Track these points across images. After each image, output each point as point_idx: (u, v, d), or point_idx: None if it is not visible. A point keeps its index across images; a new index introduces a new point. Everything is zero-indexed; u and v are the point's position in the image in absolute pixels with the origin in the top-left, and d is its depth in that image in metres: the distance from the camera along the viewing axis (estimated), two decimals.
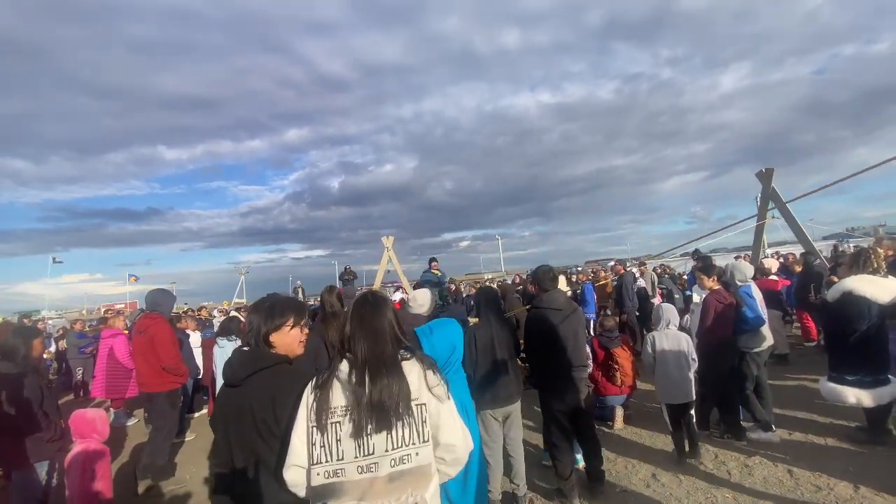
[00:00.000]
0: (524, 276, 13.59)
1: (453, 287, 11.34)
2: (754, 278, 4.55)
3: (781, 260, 9.23)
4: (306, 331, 1.75)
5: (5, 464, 3.21)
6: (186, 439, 5.62)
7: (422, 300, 3.38)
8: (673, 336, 3.89)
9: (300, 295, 15.52)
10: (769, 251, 12.73)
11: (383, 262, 13.25)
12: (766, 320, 4.23)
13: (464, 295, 11.39)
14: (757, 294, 4.21)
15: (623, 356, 4.90)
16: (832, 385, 3.70)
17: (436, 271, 10.19)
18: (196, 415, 6.57)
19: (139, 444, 5.48)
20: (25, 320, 10.26)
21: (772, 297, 5.84)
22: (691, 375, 3.80)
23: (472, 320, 3.52)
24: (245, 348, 1.67)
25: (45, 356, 8.16)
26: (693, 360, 3.83)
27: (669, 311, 4.03)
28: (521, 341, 3.55)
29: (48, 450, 3.16)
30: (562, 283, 6.65)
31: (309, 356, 3.34)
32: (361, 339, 1.44)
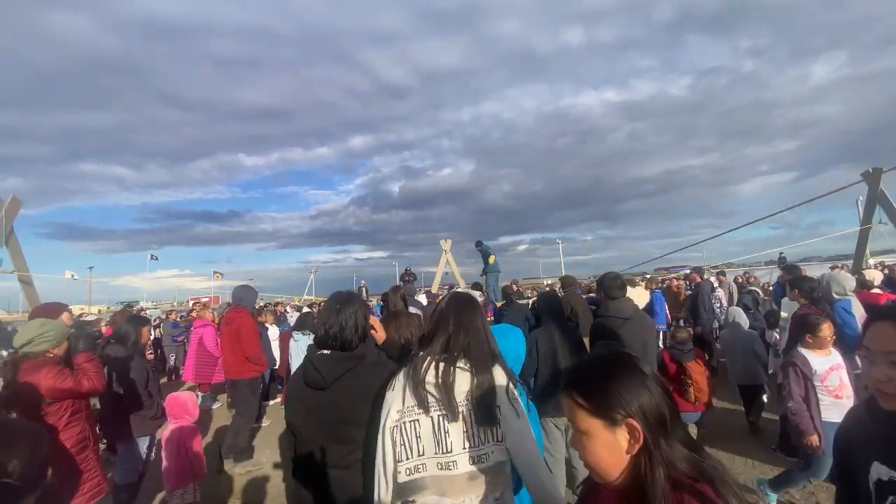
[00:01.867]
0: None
1: (515, 287, 11.30)
2: (854, 291, 4.11)
3: (886, 272, 8.19)
4: None
5: (112, 437, 3.61)
6: (263, 425, 6.06)
7: None
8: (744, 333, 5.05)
9: (364, 294, 16.13)
10: (872, 261, 11.31)
11: (441, 263, 13.49)
12: None
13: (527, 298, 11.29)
14: (858, 310, 3.78)
15: (697, 370, 4.56)
16: None
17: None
18: (271, 402, 7.05)
19: (223, 426, 6.00)
20: (129, 310, 11.54)
21: None
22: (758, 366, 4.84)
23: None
24: (326, 351, 1.68)
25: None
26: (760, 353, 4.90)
27: (737, 312, 5.38)
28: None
29: (150, 426, 3.55)
30: (638, 291, 6.34)
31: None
32: (462, 334, 1.50)
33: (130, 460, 3.49)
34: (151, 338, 11.00)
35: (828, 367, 3.04)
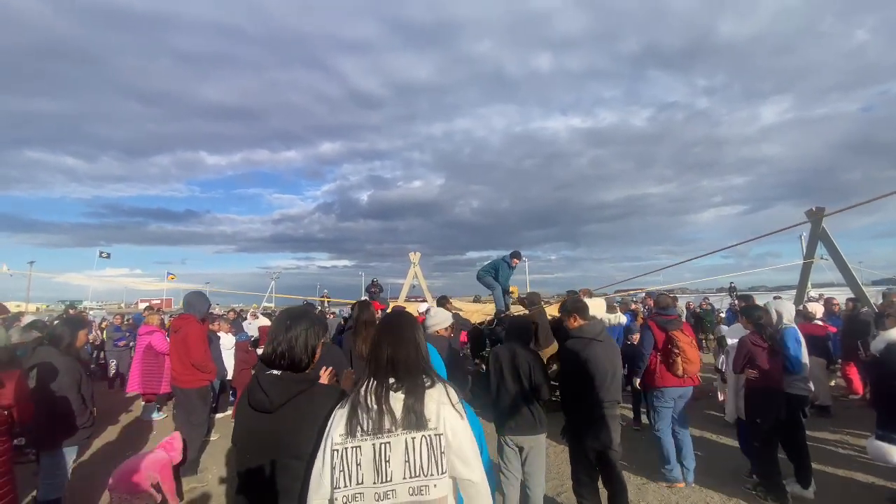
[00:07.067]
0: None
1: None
2: (797, 322, 4.35)
3: (837, 306, 8.32)
4: None
5: (38, 446, 3.34)
6: (212, 438, 5.71)
7: (437, 319, 3.40)
8: None
9: (325, 303, 15.76)
10: (813, 293, 12.08)
11: (409, 276, 13.38)
12: (808, 367, 4.00)
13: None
14: (801, 338, 4.01)
15: (685, 340, 4.11)
16: (879, 444, 3.47)
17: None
18: (220, 415, 6.70)
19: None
20: (71, 311, 10.81)
21: (816, 344, 5.49)
22: None
23: None
24: (276, 372, 1.57)
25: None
26: None
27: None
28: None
29: (80, 434, 3.27)
30: (596, 302, 6.46)
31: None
32: (397, 356, 1.44)
33: (55, 474, 3.18)
34: (93, 340, 10.31)
35: None
